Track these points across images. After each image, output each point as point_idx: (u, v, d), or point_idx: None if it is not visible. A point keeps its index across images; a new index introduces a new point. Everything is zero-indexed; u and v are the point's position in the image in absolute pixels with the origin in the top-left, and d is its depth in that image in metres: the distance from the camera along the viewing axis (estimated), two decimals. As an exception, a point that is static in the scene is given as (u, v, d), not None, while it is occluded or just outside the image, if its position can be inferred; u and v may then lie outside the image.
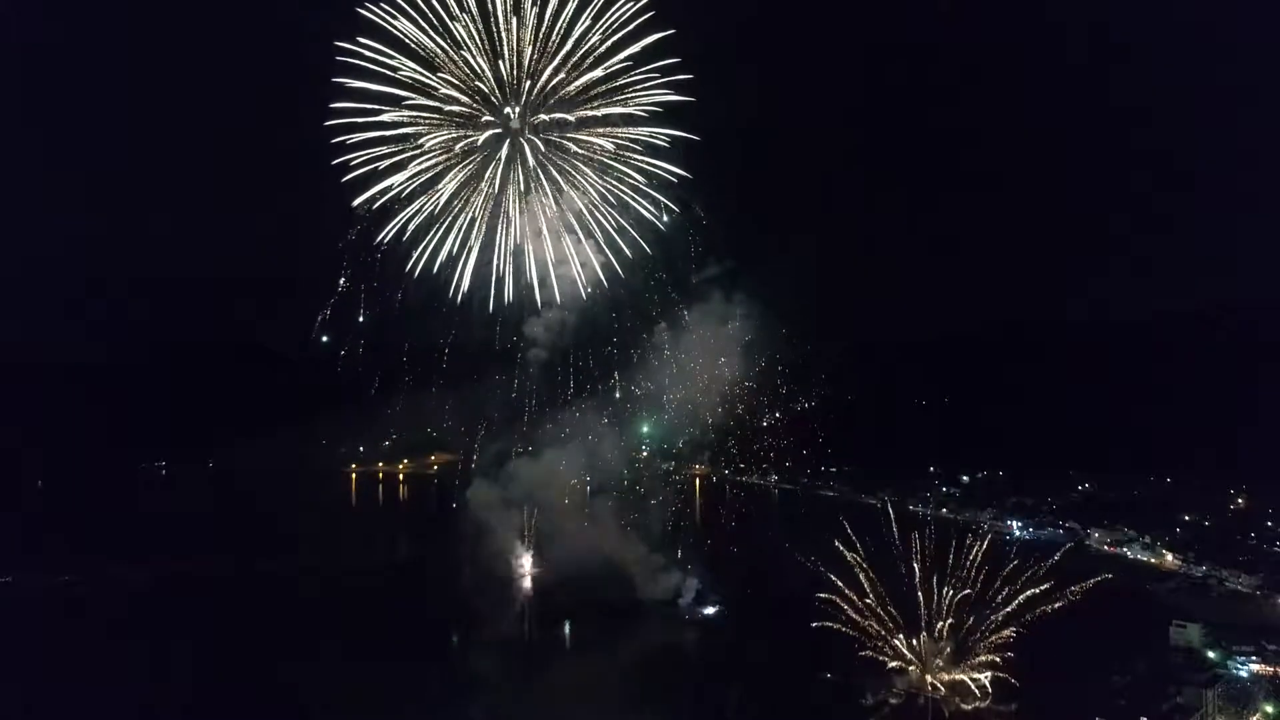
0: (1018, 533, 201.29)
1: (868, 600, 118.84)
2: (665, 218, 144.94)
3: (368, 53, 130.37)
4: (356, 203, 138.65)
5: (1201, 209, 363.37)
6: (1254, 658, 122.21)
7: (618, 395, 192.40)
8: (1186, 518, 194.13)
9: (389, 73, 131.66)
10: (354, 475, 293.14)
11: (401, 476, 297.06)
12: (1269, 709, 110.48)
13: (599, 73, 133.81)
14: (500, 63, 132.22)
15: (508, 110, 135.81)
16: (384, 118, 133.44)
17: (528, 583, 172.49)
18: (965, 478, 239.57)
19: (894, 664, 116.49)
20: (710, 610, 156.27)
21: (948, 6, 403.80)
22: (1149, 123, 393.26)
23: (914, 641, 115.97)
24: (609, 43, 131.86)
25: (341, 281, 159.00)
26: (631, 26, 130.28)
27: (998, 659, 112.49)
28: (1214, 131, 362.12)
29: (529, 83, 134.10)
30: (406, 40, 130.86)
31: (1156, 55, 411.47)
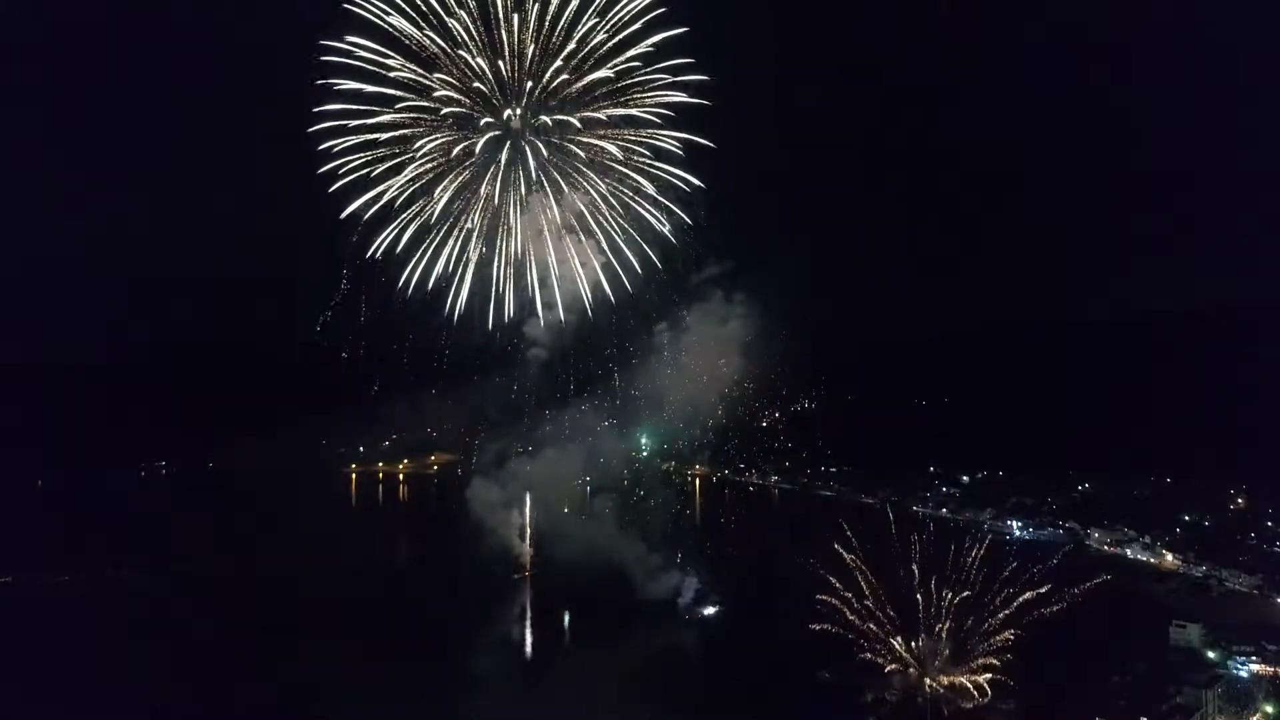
0: (1017, 533, 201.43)
1: (867, 602, 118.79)
2: (669, 227, 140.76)
3: (362, 52, 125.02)
4: (345, 214, 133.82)
5: (1201, 209, 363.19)
6: (1254, 658, 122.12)
7: (618, 396, 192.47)
8: (1186, 518, 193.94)
9: (382, 72, 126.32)
10: (354, 475, 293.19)
11: (401, 476, 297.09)
12: (1269, 709, 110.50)
13: (605, 72, 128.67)
14: (500, 62, 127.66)
15: (508, 112, 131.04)
16: (375, 120, 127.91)
17: (527, 583, 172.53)
18: (965, 478, 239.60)
19: (892, 667, 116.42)
20: (709, 610, 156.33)
21: (948, 10, 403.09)
22: (1149, 123, 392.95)
23: (913, 644, 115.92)
24: (615, 40, 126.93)
25: (343, 285, 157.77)
26: (640, 24, 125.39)
27: (996, 661, 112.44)
28: (1214, 131, 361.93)
29: (530, 83, 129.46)
30: (400, 38, 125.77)
31: (1157, 55, 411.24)
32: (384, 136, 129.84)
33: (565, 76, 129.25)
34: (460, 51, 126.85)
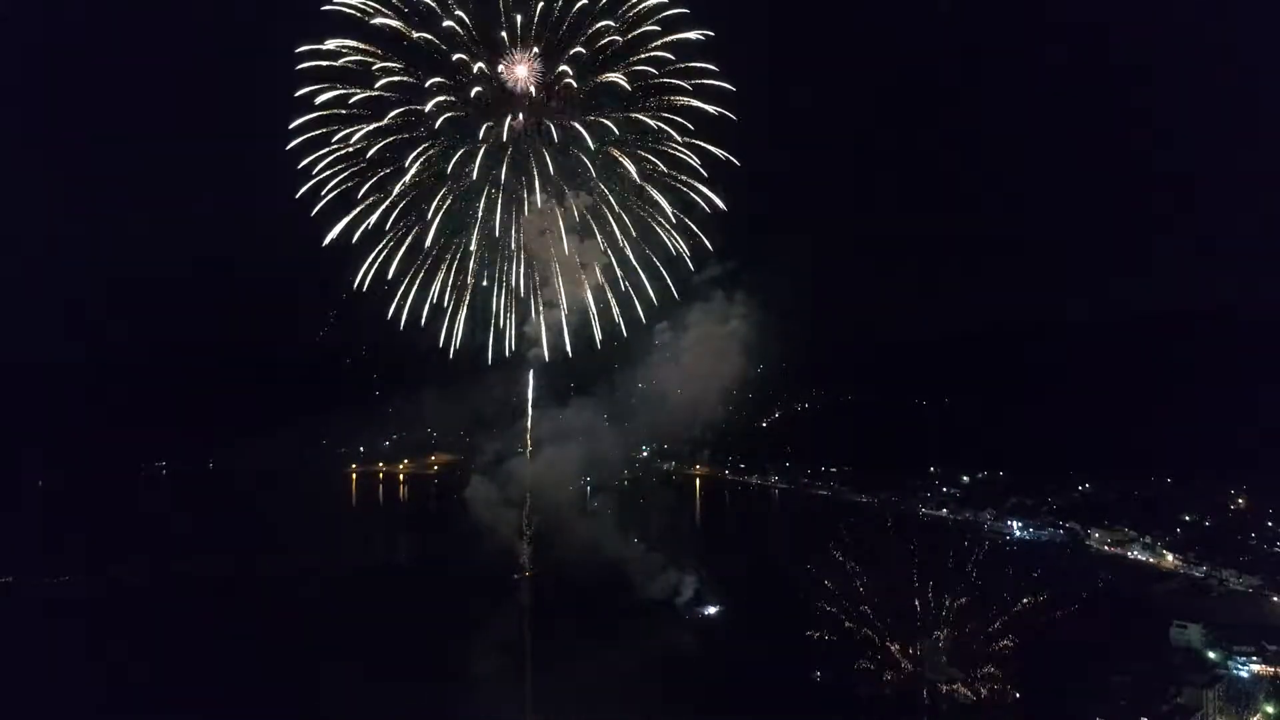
0: (1018, 533, 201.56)
1: (864, 607, 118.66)
2: (683, 246, 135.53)
3: (347, 52, 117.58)
4: (327, 240, 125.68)
5: (1202, 209, 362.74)
6: (1254, 658, 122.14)
7: (618, 395, 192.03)
8: (1186, 518, 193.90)
9: (371, 75, 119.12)
10: (354, 475, 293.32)
11: (401, 477, 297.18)
12: (1269, 709, 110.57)
13: (616, 77, 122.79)
14: (501, 64, 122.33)
15: (509, 118, 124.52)
16: (361, 132, 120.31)
17: (525, 583, 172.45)
18: (965, 478, 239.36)
19: (889, 675, 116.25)
20: (708, 610, 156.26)
21: (947, 8, 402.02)
22: (1149, 122, 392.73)
23: (911, 649, 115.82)
24: (627, 39, 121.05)
25: (334, 310, 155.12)
26: (653, 23, 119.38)
27: (995, 665, 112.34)
28: (1215, 130, 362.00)
29: (534, 88, 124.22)
30: (392, 38, 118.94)
31: (1158, 55, 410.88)
32: (373, 148, 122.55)
33: (571, 81, 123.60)
34: (457, 54, 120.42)
